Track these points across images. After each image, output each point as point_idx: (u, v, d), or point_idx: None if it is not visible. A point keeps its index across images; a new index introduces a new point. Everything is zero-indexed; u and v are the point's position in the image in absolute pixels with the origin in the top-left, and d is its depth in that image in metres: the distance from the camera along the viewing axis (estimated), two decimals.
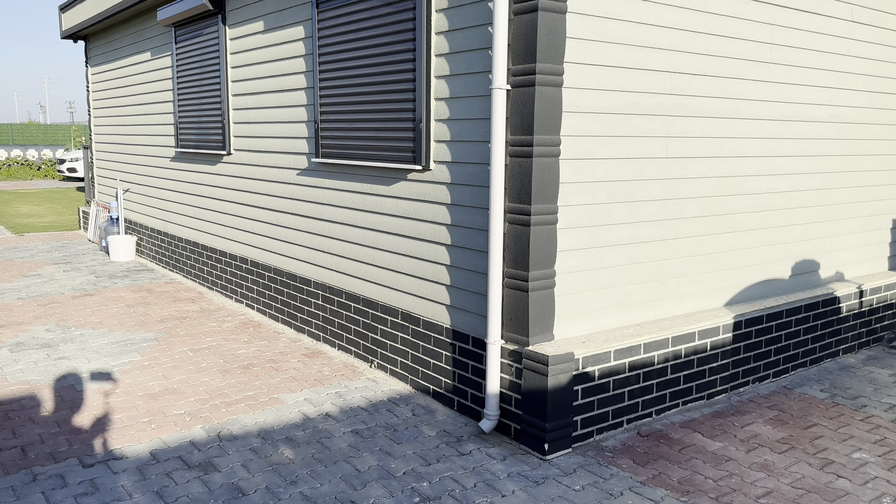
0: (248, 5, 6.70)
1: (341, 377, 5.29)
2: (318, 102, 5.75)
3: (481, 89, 4.27)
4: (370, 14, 5.07)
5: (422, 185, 4.81)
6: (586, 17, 4.06)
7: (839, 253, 6.04)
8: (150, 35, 9.08)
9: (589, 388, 4.18)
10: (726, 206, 5.05)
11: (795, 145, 5.46)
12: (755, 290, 5.39)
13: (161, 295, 7.89)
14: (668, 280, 4.79)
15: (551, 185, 4.05)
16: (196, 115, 7.93)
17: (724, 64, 4.83)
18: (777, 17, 5.10)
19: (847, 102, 5.83)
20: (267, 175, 6.74)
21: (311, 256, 6.16)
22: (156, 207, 9.54)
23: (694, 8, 4.57)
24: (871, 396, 5.05)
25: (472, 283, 4.47)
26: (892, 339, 6.36)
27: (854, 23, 5.74)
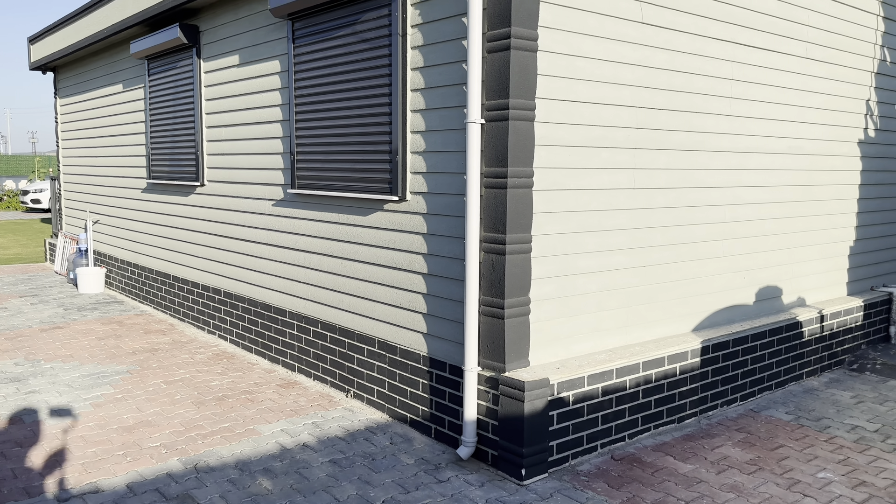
0: (224, 39, 6.80)
1: (318, 407, 5.30)
2: (294, 134, 5.84)
3: (456, 123, 4.40)
4: (346, 49, 5.20)
5: (399, 215, 4.91)
6: (556, 56, 4.24)
7: (800, 279, 6.27)
8: (122, 67, 9.11)
9: (564, 414, 4.27)
10: (692, 234, 5.23)
11: (756, 176, 5.69)
12: (721, 316, 5.56)
13: (132, 327, 7.82)
14: (638, 306, 4.93)
15: (525, 214, 4.17)
16: (169, 146, 7.95)
17: (688, 99, 5.04)
18: (737, 55, 5.35)
19: (804, 135, 6.10)
20: (241, 206, 6.78)
21: (287, 286, 6.20)
22: (126, 239, 9.48)
23: (658, 46, 4.79)
24: (834, 418, 5.22)
25: (449, 311, 4.56)
26: (852, 362, 6.58)
27: (809, 59, 6.04)
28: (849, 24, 6.42)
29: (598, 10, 4.41)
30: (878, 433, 4.94)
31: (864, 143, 6.82)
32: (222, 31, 6.81)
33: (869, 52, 6.72)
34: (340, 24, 5.23)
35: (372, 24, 4.94)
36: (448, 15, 4.39)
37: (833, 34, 6.26)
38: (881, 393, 5.82)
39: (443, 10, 4.43)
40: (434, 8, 4.49)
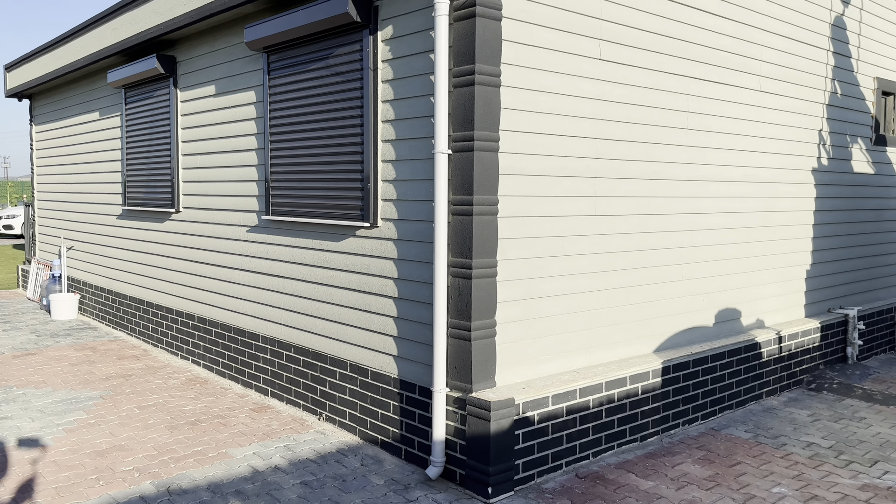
0: (201, 70, 6.96)
1: (290, 430, 5.39)
2: (268, 162, 6.00)
3: (425, 153, 4.59)
4: (320, 82, 5.39)
5: (370, 240, 5.07)
6: (518, 90, 4.46)
7: (759, 301, 6.51)
8: (99, 96, 9.22)
9: (529, 433, 4.42)
10: (652, 259, 5.45)
11: (714, 203, 5.95)
12: (682, 337, 5.77)
13: (105, 353, 7.84)
14: (601, 328, 5.12)
15: (491, 240, 4.36)
16: (145, 173, 8.05)
17: (645, 130, 5.29)
18: (692, 88, 5.63)
19: (760, 164, 6.39)
20: (216, 232, 6.89)
21: (260, 311, 6.30)
22: (100, 265, 9.51)
23: (616, 81, 5.04)
24: (791, 435, 5.43)
25: (419, 334, 4.71)
26: (811, 381, 6.82)
27: (763, 92, 6.34)
28: (800, 59, 6.76)
29: (558, 48, 4.65)
30: (832, 449, 5.14)
31: (818, 171, 7.13)
32: (199, 62, 6.98)
33: (820, 86, 7.07)
34: (314, 57, 5.42)
35: (344, 59, 5.14)
36: (416, 51, 4.61)
37: (785, 68, 6.59)
38: (837, 411, 6.05)
39: (412, 47, 4.64)
40: (403, 45, 4.70)
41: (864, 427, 5.66)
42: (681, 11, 5.48)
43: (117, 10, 7.95)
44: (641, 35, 5.19)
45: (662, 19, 5.34)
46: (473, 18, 4.16)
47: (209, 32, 6.79)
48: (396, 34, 4.75)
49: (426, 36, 4.54)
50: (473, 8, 4.15)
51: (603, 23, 4.92)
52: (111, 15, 8.14)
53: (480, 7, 4.16)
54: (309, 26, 5.19)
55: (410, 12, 4.64)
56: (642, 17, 5.19)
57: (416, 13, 4.60)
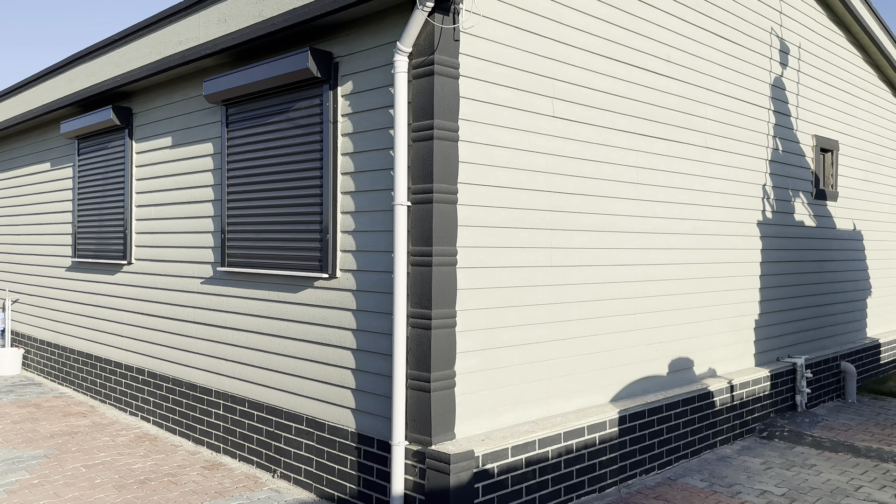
0: (157, 122, 6.95)
1: (243, 488, 5.24)
2: (225, 213, 5.97)
3: (384, 204, 4.65)
4: (279, 134, 5.44)
5: (328, 292, 5.06)
6: (476, 145, 4.58)
7: (710, 351, 6.66)
8: (51, 146, 9.09)
9: (489, 486, 4.39)
10: (606, 308, 5.56)
11: (665, 254, 6.12)
12: (637, 387, 5.85)
13: (50, 410, 7.54)
14: (558, 378, 5.16)
15: (450, 290, 4.40)
16: (96, 224, 7.91)
17: (598, 184, 5.46)
18: (641, 145, 5.85)
19: (707, 217, 6.63)
20: (169, 284, 6.78)
21: (214, 365, 6.18)
22: (47, 318, 9.21)
23: (569, 137, 5.21)
24: (745, 484, 5.50)
25: (377, 386, 4.67)
26: (762, 429, 6.94)
27: (709, 149, 6.62)
28: (743, 118, 7.10)
29: (514, 105, 4.81)
30: (785, 497, 5.22)
31: (763, 224, 7.42)
32: (155, 113, 6.97)
33: (763, 142, 7.42)
34: (274, 110, 5.48)
35: (304, 112, 5.21)
36: (376, 106, 4.71)
37: (730, 126, 6.90)
38: (788, 459, 6.16)
39: (371, 102, 4.74)
40: (363, 100, 4.80)
41: (814, 474, 5.77)
42: (629, 72, 5.73)
43: (72, 62, 7.92)
44: (592, 94, 5.40)
45: (612, 79, 5.57)
46: (432, 76, 4.29)
47: (167, 85, 6.81)
48: (356, 89, 4.85)
49: (385, 92, 4.64)
50: (432, 66, 4.28)
51: (556, 82, 5.11)
52: (66, 66, 8.10)
53: (439, 66, 4.29)
54: (269, 80, 5.26)
55: (370, 69, 4.75)
56: (593, 77, 5.41)
57: (375, 70, 4.72)
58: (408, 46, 4.33)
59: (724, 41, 6.84)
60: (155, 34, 6.42)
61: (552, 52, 5.08)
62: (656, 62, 6.00)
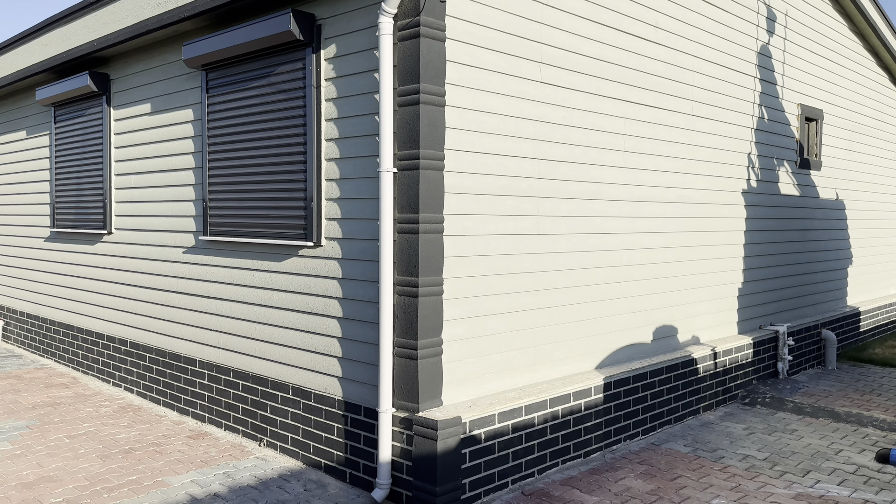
0: (135, 88, 6.79)
1: (229, 457, 5.23)
2: (206, 182, 5.87)
3: (370, 171, 4.58)
4: (261, 100, 5.33)
5: (314, 260, 5.00)
6: (463, 111, 4.51)
7: (694, 319, 6.71)
8: (26, 114, 8.88)
9: (476, 451, 4.40)
10: (592, 277, 5.55)
11: (650, 223, 6.12)
12: (622, 354, 5.88)
13: (32, 381, 7.47)
14: (545, 346, 5.17)
15: (437, 258, 4.36)
16: (75, 194, 7.77)
17: (585, 152, 5.42)
18: (628, 112, 5.80)
19: (693, 185, 6.62)
20: (151, 254, 6.69)
21: (197, 335, 6.12)
22: (26, 290, 9.08)
23: (556, 104, 5.16)
24: (728, 449, 5.58)
25: (364, 354, 4.65)
26: (745, 396, 7.03)
27: (695, 116, 6.59)
28: (730, 86, 7.07)
29: (501, 70, 4.74)
30: (767, 461, 5.30)
31: (747, 193, 7.43)
32: (134, 79, 6.81)
33: (748, 111, 7.40)
34: (255, 75, 5.37)
35: (287, 77, 5.10)
36: (360, 70, 4.61)
37: (716, 94, 6.87)
38: (770, 424, 6.25)
39: (356, 66, 4.65)
40: (347, 63, 4.70)
41: (795, 439, 5.86)
42: (616, 37, 5.66)
43: (47, 26, 7.70)
44: (580, 59, 5.34)
45: (600, 44, 5.50)
46: (418, 39, 4.20)
47: (145, 50, 6.64)
48: (340, 53, 4.75)
49: (370, 55, 4.55)
50: (418, 28, 4.19)
51: (543, 46, 5.04)
52: (40, 31, 7.88)
53: (424, 28, 4.20)
54: (250, 44, 5.14)
55: (354, 31, 4.65)
56: (581, 42, 5.34)
57: (359, 32, 4.62)
58: (393, 8, 4.23)
59: (711, 7, 6.78)
60: None
61: (540, 16, 5.00)
62: (644, 27, 5.93)
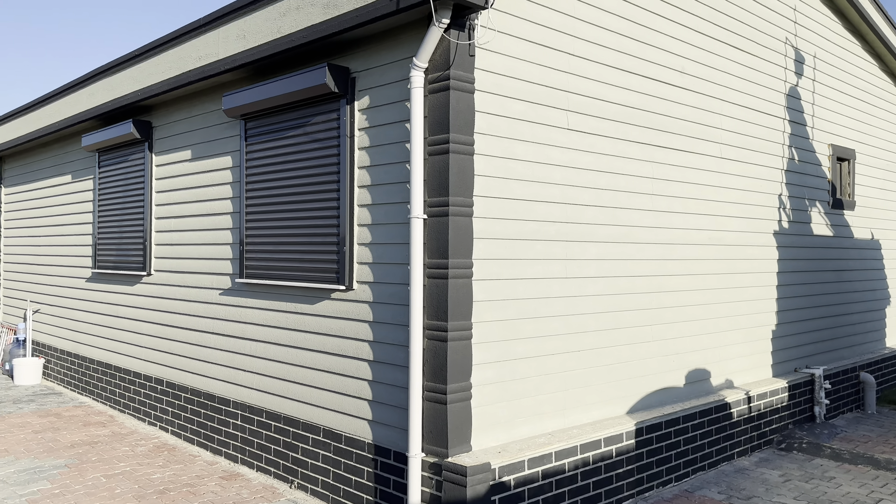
0: (177, 135, 7.05)
1: (260, 499, 5.28)
2: (243, 226, 6.04)
3: (400, 217, 4.69)
4: (297, 148, 5.51)
5: (345, 303, 5.10)
6: (491, 158, 4.62)
7: (727, 362, 6.63)
8: (72, 159, 9.24)
9: (506, 498, 4.40)
10: (622, 320, 5.56)
11: (680, 265, 6.12)
12: (654, 398, 5.84)
13: (70, 420, 7.64)
14: (575, 390, 5.17)
15: (466, 303, 4.43)
16: (116, 236, 8.03)
17: (613, 196, 5.48)
18: (656, 156, 5.86)
19: (723, 227, 6.61)
20: (188, 295, 6.86)
21: (232, 375, 6.24)
22: (67, 329, 9.33)
23: (584, 149, 5.24)
24: (763, 496, 5.47)
25: (394, 398, 4.70)
26: (780, 441, 6.89)
27: (724, 159, 6.62)
28: (758, 127, 7.09)
29: (529, 119, 4.85)
30: None
31: (779, 234, 7.39)
32: (175, 127, 7.08)
33: (778, 152, 7.39)
34: (292, 124, 5.56)
35: (322, 126, 5.28)
36: (392, 121, 4.76)
37: (744, 136, 6.89)
38: (807, 471, 6.12)
39: (388, 117, 4.80)
40: (379, 114, 4.86)
41: (833, 487, 5.72)
42: (643, 83, 5.75)
43: (93, 77, 8.05)
44: (607, 106, 5.43)
45: (626, 91, 5.60)
46: (448, 91, 4.33)
47: (186, 99, 6.91)
48: (373, 104, 4.91)
49: (402, 106, 4.70)
50: (448, 82, 4.33)
51: (570, 95, 5.14)
52: (87, 81, 8.24)
53: (454, 81, 4.34)
54: (287, 95, 5.33)
55: (386, 84, 4.81)
56: (607, 90, 5.44)
57: (392, 85, 4.78)
58: (424, 62, 4.39)
59: (738, 51, 6.84)
60: (175, 49, 6.53)
61: (567, 66, 5.11)
62: (670, 73, 6.02)
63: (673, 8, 6.06)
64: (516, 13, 4.77)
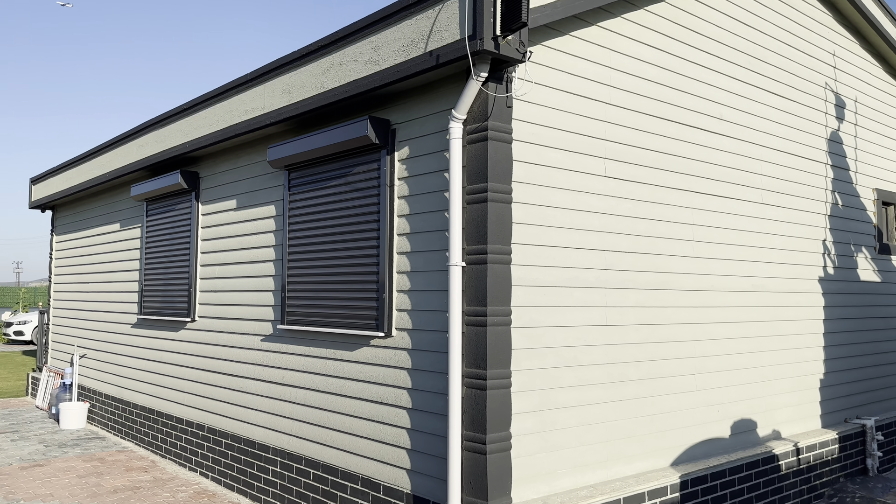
0: (222, 185, 7.27)
1: None
2: (285, 273, 6.16)
3: (439, 265, 4.74)
4: (338, 198, 5.63)
5: (384, 350, 5.13)
6: (529, 206, 4.66)
7: (774, 412, 6.45)
8: (121, 208, 9.56)
9: None
10: (664, 369, 5.47)
11: (723, 313, 6.02)
12: (699, 450, 5.69)
13: (113, 464, 7.74)
14: (617, 441, 5.08)
15: (505, 350, 4.42)
16: (162, 282, 8.23)
17: (652, 242, 5.45)
18: (695, 202, 5.84)
19: (766, 274, 6.51)
20: (230, 341, 6.97)
21: (272, 422, 6.28)
22: (112, 373, 9.53)
23: (622, 196, 5.25)
24: None
25: (433, 447, 4.68)
26: (832, 495, 6.63)
27: (765, 205, 6.55)
28: (800, 173, 7.02)
29: (566, 167, 4.89)
30: None
31: (825, 280, 7.24)
32: (221, 177, 7.30)
33: (821, 197, 7.30)
34: (333, 174, 5.69)
35: (362, 176, 5.40)
36: (431, 170, 4.85)
37: (786, 182, 6.83)
38: None
39: (427, 166, 4.89)
40: (419, 164, 4.96)
41: None
42: (681, 130, 5.77)
43: (143, 130, 8.38)
44: (644, 153, 5.45)
45: (664, 138, 5.62)
46: (486, 142, 4.41)
47: (232, 150, 7.14)
48: (412, 154, 5.02)
49: (440, 156, 4.79)
50: (486, 132, 4.41)
51: (607, 143, 5.18)
52: (137, 133, 8.58)
53: (492, 132, 4.42)
54: (329, 147, 5.48)
55: (426, 135, 4.92)
56: (644, 137, 5.47)
57: (431, 136, 4.88)
58: (462, 114, 4.48)
59: (776, 97, 6.83)
60: (223, 103, 6.78)
61: (604, 114, 5.17)
62: (708, 120, 6.03)
63: (710, 56, 6.10)
64: (553, 65, 4.86)
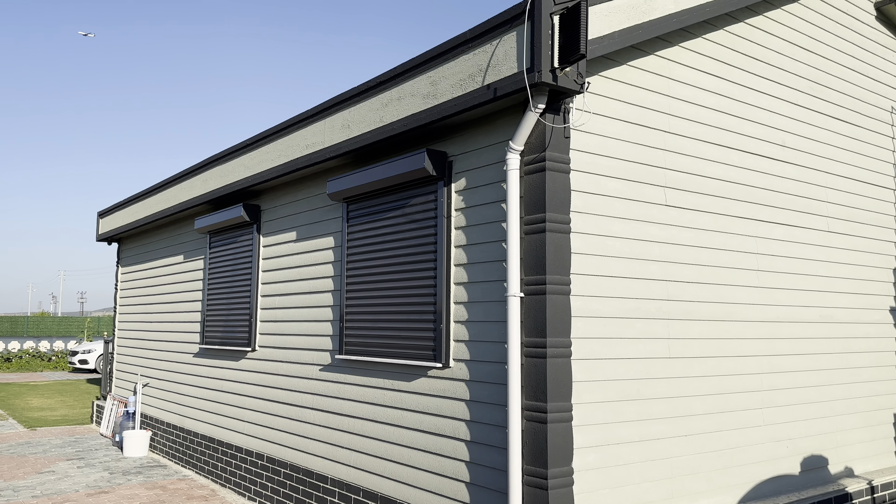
0: (283, 217, 7.44)
1: None
2: (343, 303, 6.23)
3: (497, 295, 4.73)
4: (395, 228, 5.70)
5: (442, 381, 5.13)
6: (588, 236, 4.62)
7: (845, 448, 6.18)
8: (184, 240, 9.86)
9: None
10: (731, 402, 5.31)
11: (790, 344, 5.83)
12: (767, 487, 5.48)
13: (175, 493, 7.88)
14: (682, 477, 4.93)
15: (565, 383, 4.36)
16: (224, 313, 8.42)
17: (715, 272, 5.34)
18: (759, 231, 5.70)
19: (834, 304, 6.29)
20: (289, 371, 7.07)
21: (330, 452, 6.31)
22: (174, 402, 9.75)
23: (683, 225, 5.17)
24: None
25: (492, 481, 4.63)
26: None
27: (832, 233, 6.36)
28: (867, 199, 6.80)
29: (625, 196, 4.85)
30: None
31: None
32: (282, 210, 7.47)
33: (890, 224, 7.04)
34: (391, 206, 5.77)
35: (419, 207, 5.45)
36: (489, 201, 4.87)
37: (853, 209, 6.62)
38: None
39: (484, 197, 4.92)
40: (476, 195, 4.99)
41: None
42: (742, 158, 5.67)
43: (207, 165, 8.67)
44: (705, 181, 5.37)
45: (725, 166, 5.53)
46: (544, 172, 4.42)
47: (292, 184, 7.32)
48: (469, 185, 5.05)
49: (497, 187, 4.81)
50: (544, 163, 4.42)
51: (667, 171, 5.13)
52: (201, 169, 8.87)
53: (550, 162, 4.42)
54: (387, 179, 5.57)
55: (483, 166, 4.95)
56: (705, 165, 5.39)
57: (487, 167, 4.91)
58: (520, 145, 4.51)
59: (841, 123, 6.66)
60: (284, 139, 6.97)
61: (663, 143, 5.12)
62: (770, 147, 5.91)
63: (771, 83, 6.00)
64: (611, 95, 4.85)
